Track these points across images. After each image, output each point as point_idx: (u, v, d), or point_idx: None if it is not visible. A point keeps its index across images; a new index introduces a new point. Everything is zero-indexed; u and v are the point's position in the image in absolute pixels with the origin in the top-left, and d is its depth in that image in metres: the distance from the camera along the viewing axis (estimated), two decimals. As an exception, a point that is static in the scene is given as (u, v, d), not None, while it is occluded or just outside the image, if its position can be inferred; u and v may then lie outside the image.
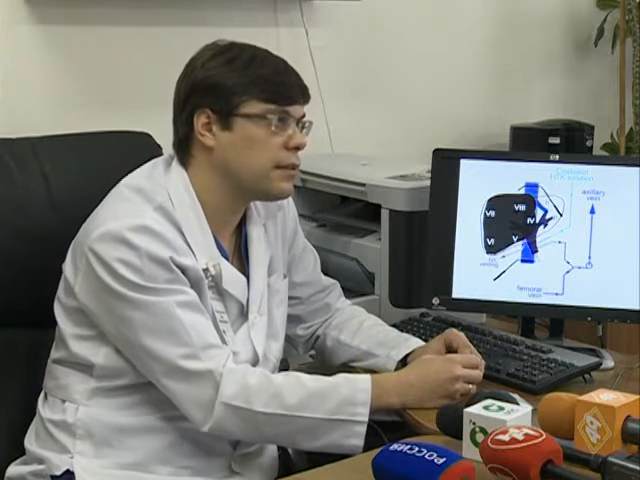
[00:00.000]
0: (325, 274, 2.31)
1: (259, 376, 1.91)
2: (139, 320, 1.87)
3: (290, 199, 2.14)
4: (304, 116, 2.01)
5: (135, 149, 2.30)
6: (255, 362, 2.01)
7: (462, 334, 2.14)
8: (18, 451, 2.03)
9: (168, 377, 1.89)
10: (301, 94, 1.99)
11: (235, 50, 1.97)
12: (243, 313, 2.04)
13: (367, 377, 1.95)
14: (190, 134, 1.97)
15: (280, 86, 1.96)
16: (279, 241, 2.15)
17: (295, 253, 2.22)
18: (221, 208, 2.00)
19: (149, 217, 1.90)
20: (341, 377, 1.94)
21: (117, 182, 2.00)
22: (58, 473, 1.94)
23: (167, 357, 1.87)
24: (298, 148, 1.98)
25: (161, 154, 2.27)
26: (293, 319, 2.22)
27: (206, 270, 1.95)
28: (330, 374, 1.98)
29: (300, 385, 1.91)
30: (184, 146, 1.99)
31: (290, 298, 2.19)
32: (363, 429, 1.90)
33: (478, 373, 2.03)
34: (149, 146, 2.32)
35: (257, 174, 1.96)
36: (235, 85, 1.93)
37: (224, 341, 1.95)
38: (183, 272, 1.91)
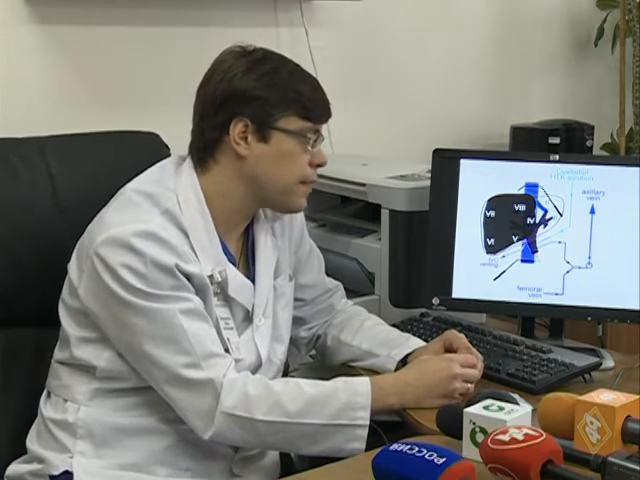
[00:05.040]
0: (325, 274, 2.31)
1: (259, 384, 1.90)
2: (142, 327, 1.87)
3: None
4: None
5: (143, 149, 2.28)
6: (258, 365, 2.02)
7: (462, 335, 2.14)
8: (21, 450, 2.02)
9: (169, 385, 1.89)
10: (329, 113, 2.02)
11: (273, 62, 1.98)
12: (248, 317, 2.04)
13: (366, 380, 1.95)
14: (220, 139, 1.96)
15: (318, 104, 1.99)
16: (286, 243, 2.15)
17: (301, 255, 2.22)
18: (233, 214, 2.01)
19: (155, 223, 1.89)
20: (340, 381, 1.94)
21: (124, 183, 1.99)
22: (56, 473, 1.94)
23: (168, 365, 1.87)
24: (320, 165, 2.02)
25: (169, 154, 2.26)
26: (296, 321, 2.21)
27: (211, 277, 1.95)
28: (330, 375, 1.98)
29: (300, 392, 1.91)
30: (209, 150, 1.98)
31: (295, 300, 2.19)
32: (364, 432, 1.89)
33: (476, 372, 2.03)
34: (157, 146, 2.31)
35: (284, 188, 1.98)
36: (279, 100, 1.94)
37: (228, 348, 1.95)
38: (188, 279, 1.90)
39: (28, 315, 2.12)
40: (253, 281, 2.05)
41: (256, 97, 1.94)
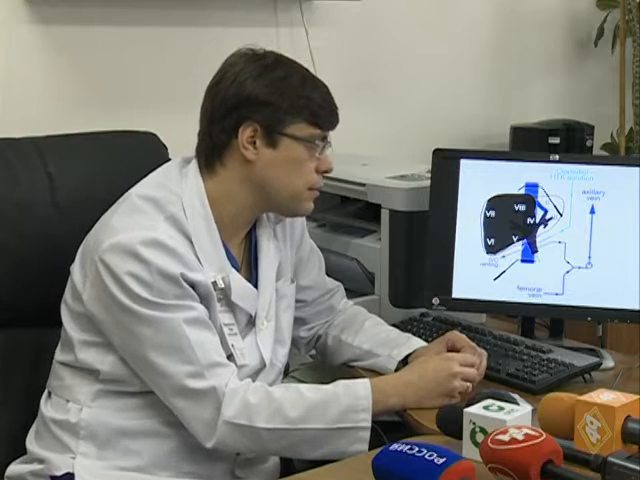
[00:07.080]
0: (325, 274, 2.31)
1: (259, 392, 1.90)
2: (146, 335, 1.86)
3: None
4: None
5: (141, 149, 2.28)
6: (261, 368, 2.02)
7: (464, 336, 2.14)
8: (20, 450, 2.02)
9: (172, 393, 1.88)
10: (338, 120, 2.02)
11: (284, 67, 1.97)
12: (251, 321, 2.04)
13: (366, 382, 1.95)
14: (229, 143, 1.96)
15: (327, 110, 1.99)
16: (287, 245, 2.15)
17: (302, 256, 2.22)
18: (238, 217, 2.01)
19: (161, 230, 1.89)
20: (340, 385, 1.94)
21: (122, 182, 1.99)
22: (58, 474, 1.94)
23: (173, 374, 1.87)
24: (326, 172, 2.02)
25: (167, 154, 2.26)
26: (297, 321, 2.21)
27: (215, 283, 1.94)
28: (330, 374, 1.98)
29: (301, 397, 1.90)
30: (217, 153, 1.98)
31: (296, 301, 2.19)
32: (367, 435, 1.89)
33: (474, 371, 2.03)
34: (155, 146, 2.30)
35: (292, 194, 1.99)
36: (290, 106, 1.94)
37: (232, 355, 1.95)
38: (193, 288, 1.90)
39: (27, 315, 2.12)
40: (256, 284, 2.05)
41: (267, 102, 1.93)
